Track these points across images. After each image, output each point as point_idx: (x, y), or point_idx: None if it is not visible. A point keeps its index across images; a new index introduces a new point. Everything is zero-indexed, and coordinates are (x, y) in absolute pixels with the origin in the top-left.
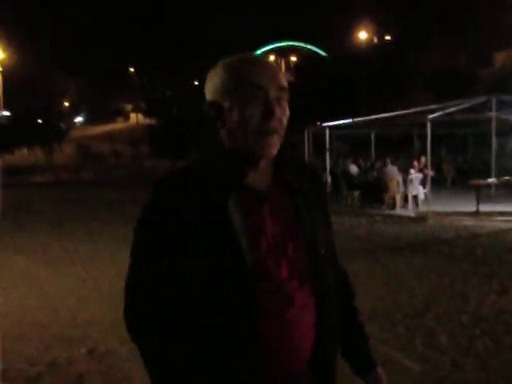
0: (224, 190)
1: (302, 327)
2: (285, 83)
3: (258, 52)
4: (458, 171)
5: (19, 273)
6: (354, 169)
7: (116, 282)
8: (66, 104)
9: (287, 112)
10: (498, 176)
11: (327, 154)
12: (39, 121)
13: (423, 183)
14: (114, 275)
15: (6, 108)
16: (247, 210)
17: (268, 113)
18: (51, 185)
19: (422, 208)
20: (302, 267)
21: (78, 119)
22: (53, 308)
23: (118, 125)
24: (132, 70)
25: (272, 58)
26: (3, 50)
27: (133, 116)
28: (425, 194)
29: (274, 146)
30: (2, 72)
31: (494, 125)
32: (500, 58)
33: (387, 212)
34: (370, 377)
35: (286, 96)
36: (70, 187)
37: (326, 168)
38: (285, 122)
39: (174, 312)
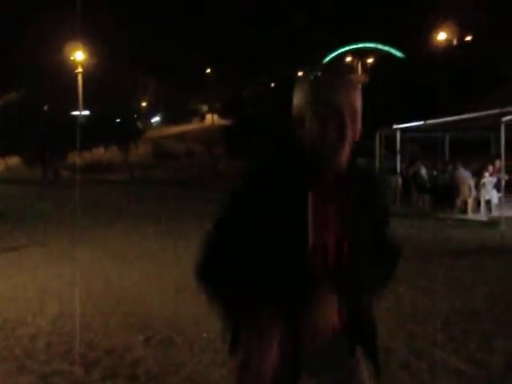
0: (304, 181)
1: None
2: (358, 105)
3: (336, 53)
4: None
5: (88, 263)
6: (424, 172)
7: (180, 279)
8: (144, 104)
9: (357, 134)
10: None
11: (398, 156)
12: (117, 120)
13: (497, 187)
14: (179, 272)
15: (86, 107)
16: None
17: (342, 136)
18: (126, 182)
19: (495, 213)
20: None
21: (155, 119)
22: (115, 298)
23: (194, 125)
24: (208, 70)
25: (349, 59)
26: (83, 51)
27: (208, 117)
28: (499, 198)
29: (343, 155)
30: (83, 73)
31: None
32: None
33: (458, 216)
34: None
35: (358, 117)
36: (144, 185)
37: (396, 170)
38: (355, 137)
39: (241, 263)
